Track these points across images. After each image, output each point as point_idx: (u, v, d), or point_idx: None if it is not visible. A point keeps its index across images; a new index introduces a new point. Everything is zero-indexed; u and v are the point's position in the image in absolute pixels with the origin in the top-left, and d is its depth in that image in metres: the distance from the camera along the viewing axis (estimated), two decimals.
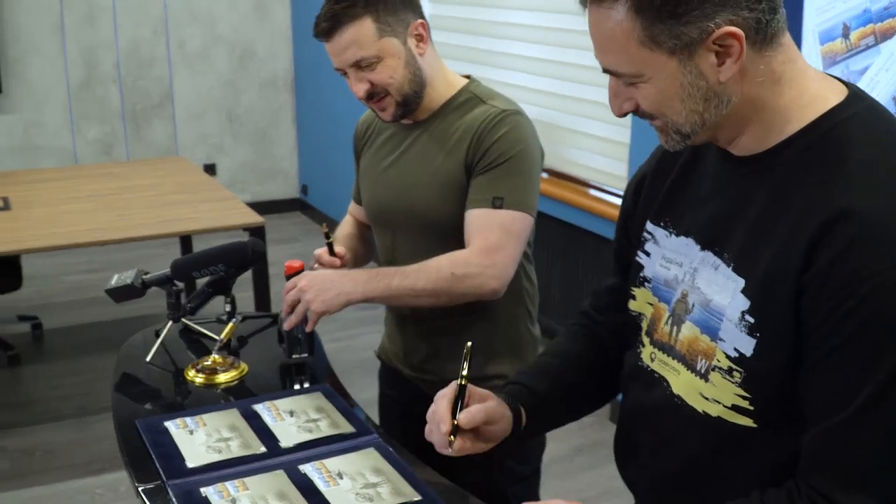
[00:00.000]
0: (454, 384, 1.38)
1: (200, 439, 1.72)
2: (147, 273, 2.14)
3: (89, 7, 6.15)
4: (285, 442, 1.71)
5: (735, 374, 1.20)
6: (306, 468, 1.61)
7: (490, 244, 1.86)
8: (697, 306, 1.26)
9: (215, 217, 4.05)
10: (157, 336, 2.17)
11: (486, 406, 1.38)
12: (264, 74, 6.77)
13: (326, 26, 1.87)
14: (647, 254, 1.37)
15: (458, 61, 4.49)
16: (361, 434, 1.74)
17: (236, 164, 6.84)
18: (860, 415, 1.09)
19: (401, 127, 2.03)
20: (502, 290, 1.89)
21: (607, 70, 1.19)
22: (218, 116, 6.70)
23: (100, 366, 4.22)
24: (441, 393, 1.39)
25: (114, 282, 2.16)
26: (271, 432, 1.74)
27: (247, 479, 1.57)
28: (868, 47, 2.45)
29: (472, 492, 1.61)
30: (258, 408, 1.83)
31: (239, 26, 6.61)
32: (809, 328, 1.12)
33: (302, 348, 2.07)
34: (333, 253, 2.07)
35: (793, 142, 1.18)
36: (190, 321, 2.24)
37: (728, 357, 1.21)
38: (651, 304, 1.36)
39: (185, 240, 4.85)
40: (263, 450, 1.68)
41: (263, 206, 6.10)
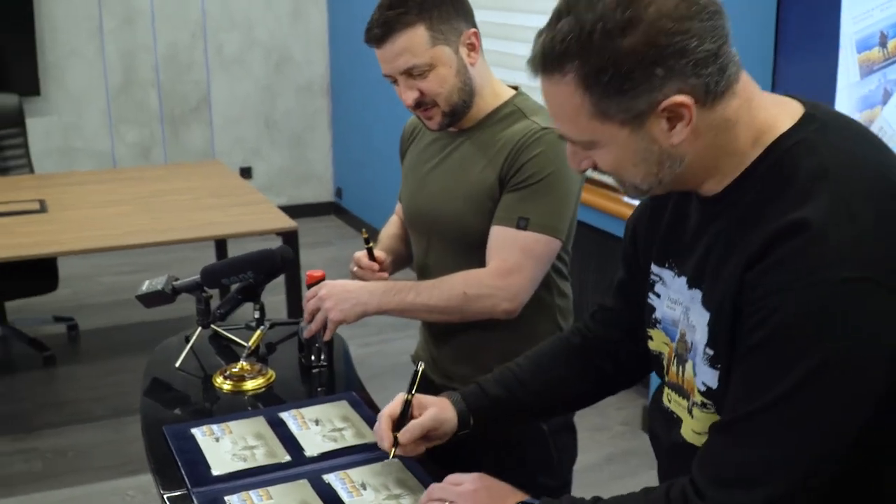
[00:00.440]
0: (400, 398, 1.55)
1: (226, 447, 1.72)
2: (177, 279, 2.16)
3: (128, 11, 6.22)
4: (310, 451, 1.71)
5: (708, 407, 1.23)
6: (330, 478, 1.60)
7: (507, 266, 1.85)
8: (693, 345, 1.27)
9: (249, 221, 4.07)
10: (187, 342, 2.18)
11: (421, 422, 1.53)
12: (300, 80, 6.81)
13: (379, 32, 1.85)
14: (658, 295, 1.38)
15: (495, 67, 4.47)
16: None
17: (273, 168, 6.89)
18: (749, 418, 1.11)
19: (445, 133, 2.02)
20: (517, 311, 1.88)
21: (562, 136, 1.22)
22: (255, 121, 6.75)
23: (134, 367, 4.20)
24: (384, 411, 1.56)
25: (144, 288, 2.17)
26: (296, 441, 1.74)
27: (271, 489, 1.57)
28: None
29: None
30: (284, 415, 1.84)
31: (275, 31, 6.65)
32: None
33: (320, 357, 2.07)
34: (373, 258, 2.08)
35: (748, 175, 1.18)
36: (219, 327, 2.25)
37: (700, 392, 1.23)
38: (666, 345, 1.37)
39: (219, 243, 4.89)
40: (288, 458, 1.68)
41: (298, 209, 6.14)
